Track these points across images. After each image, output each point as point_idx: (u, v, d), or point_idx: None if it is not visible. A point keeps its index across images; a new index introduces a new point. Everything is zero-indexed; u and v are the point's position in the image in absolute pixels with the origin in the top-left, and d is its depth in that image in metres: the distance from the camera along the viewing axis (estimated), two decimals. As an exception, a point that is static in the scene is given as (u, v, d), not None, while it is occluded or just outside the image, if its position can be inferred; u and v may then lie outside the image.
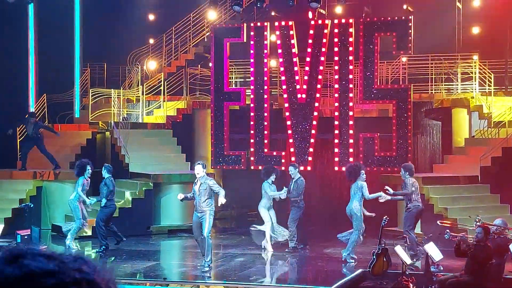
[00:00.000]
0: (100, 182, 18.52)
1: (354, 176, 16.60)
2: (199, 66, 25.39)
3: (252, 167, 20.66)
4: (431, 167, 22.00)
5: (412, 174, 16.78)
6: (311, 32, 20.61)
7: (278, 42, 20.93)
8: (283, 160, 20.61)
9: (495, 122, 20.95)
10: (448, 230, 14.51)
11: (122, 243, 18.19)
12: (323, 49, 20.49)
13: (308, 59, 20.64)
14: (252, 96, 21.21)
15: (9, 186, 21.70)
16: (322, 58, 20.57)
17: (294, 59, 20.76)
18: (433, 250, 14.15)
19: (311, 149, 20.50)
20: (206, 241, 15.05)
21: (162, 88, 24.45)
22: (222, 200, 15.08)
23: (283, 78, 20.96)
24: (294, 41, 20.73)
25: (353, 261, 16.27)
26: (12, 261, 1.58)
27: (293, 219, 17.60)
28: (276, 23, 21.20)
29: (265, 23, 21.50)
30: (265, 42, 21.05)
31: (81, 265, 1.59)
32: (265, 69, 21.11)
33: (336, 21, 20.85)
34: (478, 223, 13.44)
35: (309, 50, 20.59)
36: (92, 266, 1.62)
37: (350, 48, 20.29)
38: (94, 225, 18.37)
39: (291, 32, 20.74)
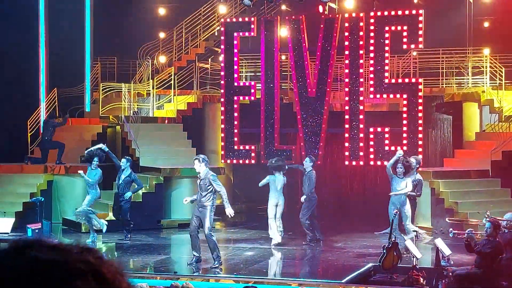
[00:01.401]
0: (116, 173, 18.83)
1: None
2: (209, 60, 25.39)
3: (262, 161, 20.64)
4: (441, 161, 21.95)
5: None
6: (322, 26, 20.57)
7: (289, 36, 20.91)
8: (293, 154, 20.60)
9: (506, 116, 20.88)
10: (451, 229, 14.57)
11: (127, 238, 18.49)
12: (334, 43, 20.45)
13: (318, 53, 20.60)
14: (262, 91, 21.20)
15: (20, 180, 21.78)
16: (333, 52, 20.53)
17: (305, 53, 20.73)
18: (442, 244, 14.14)
19: (321, 144, 20.48)
20: (208, 239, 14.93)
21: (172, 82, 24.46)
22: (230, 211, 15.00)
23: (293, 72, 20.94)
24: (304, 35, 20.69)
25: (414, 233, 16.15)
26: (19, 253, 1.58)
27: (304, 214, 17.65)
28: (287, 17, 21.17)
29: (276, 17, 21.47)
30: (276, 36, 21.02)
31: (87, 256, 1.60)
32: (276, 63, 21.09)
33: (346, 15, 20.80)
34: (487, 219, 13.40)
35: (319, 44, 20.56)
36: (99, 257, 1.62)
37: (361, 42, 20.24)
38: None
39: (302, 26, 20.71)
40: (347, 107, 20.47)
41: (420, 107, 19.82)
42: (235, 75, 21.47)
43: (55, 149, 22.33)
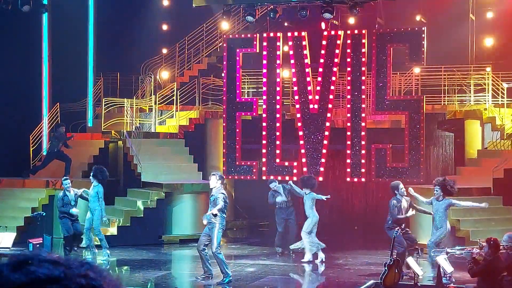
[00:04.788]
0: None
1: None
2: (211, 76, 25.43)
3: (264, 177, 20.64)
4: (443, 178, 21.88)
5: None
6: (324, 42, 20.61)
7: (291, 52, 20.94)
8: (295, 171, 20.59)
9: (508, 134, 20.86)
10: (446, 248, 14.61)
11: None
12: (336, 60, 20.48)
13: (320, 69, 20.63)
14: (264, 106, 21.22)
15: (21, 194, 21.77)
16: (335, 69, 20.56)
17: (307, 70, 20.76)
18: (444, 262, 14.10)
19: (323, 160, 20.47)
20: (215, 256, 14.86)
21: (174, 97, 24.49)
22: (214, 211, 14.95)
23: (295, 88, 20.96)
24: (306, 52, 20.73)
25: None
26: (19, 268, 1.58)
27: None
28: (289, 34, 21.20)
29: (278, 34, 21.51)
30: (278, 52, 21.06)
31: (87, 271, 1.60)
32: (278, 80, 21.12)
33: (349, 32, 20.84)
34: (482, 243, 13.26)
35: (321, 60, 20.59)
36: (99, 272, 1.62)
37: (363, 59, 20.28)
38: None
39: (304, 43, 20.75)
40: (349, 124, 20.48)
41: (422, 124, 19.83)
42: (237, 91, 21.51)
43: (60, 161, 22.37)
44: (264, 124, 21.17)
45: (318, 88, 20.69)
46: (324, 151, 20.49)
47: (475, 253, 12.92)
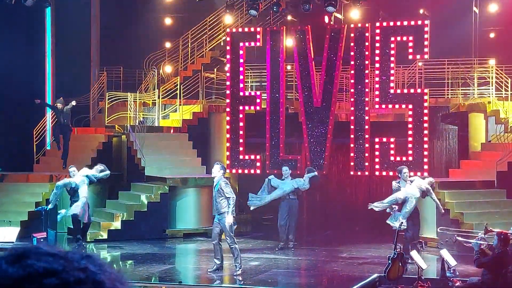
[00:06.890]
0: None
1: None
2: (215, 70, 25.41)
3: (267, 171, 20.63)
4: (447, 171, 21.91)
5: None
6: (327, 36, 20.58)
7: (294, 46, 20.92)
8: (298, 164, 20.58)
9: (512, 127, 20.84)
10: (456, 235, 14.57)
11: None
12: (339, 54, 20.45)
13: (324, 63, 20.61)
14: (267, 100, 21.21)
15: (25, 189, 21.80)
16: (338, 63, 20.53)
17: (310, 63, 20.73)
18: (448, 255, 14.10)
19: (326, 153, 20.47)
20: (230, 248, 14.98)
21: (178, 92, 24.49)
22: (229, 220, 14.93)
23: (298, 82, 20.94)
24: (310, 45, 20.71)
25: None
26: (16, 261, 1.57)
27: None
28: (292, 27, 21.18)
29: (281, 27, 21.50)
30: (281, 46, 21.04)
31: (87, 264, 1.59)
32: (281, 73, 21.10)
33: (352, 25, 20.81)
34: (482, 235, 13.23)
35: (325, 54, 20.57)
36: (99, 265, 1.61)
37: (366, 53, 20.24)
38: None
39: (307, 36, 20.72)
40: (352, 117, 20.46)
41: (426, 118, 19.80)
42: (241, 85, 21.49)
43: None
44: (267, 118, 21.16)
45: (322, 81, 20.67)
46: (327, 144, 20.48)
47: (484, 245, 12.91)
